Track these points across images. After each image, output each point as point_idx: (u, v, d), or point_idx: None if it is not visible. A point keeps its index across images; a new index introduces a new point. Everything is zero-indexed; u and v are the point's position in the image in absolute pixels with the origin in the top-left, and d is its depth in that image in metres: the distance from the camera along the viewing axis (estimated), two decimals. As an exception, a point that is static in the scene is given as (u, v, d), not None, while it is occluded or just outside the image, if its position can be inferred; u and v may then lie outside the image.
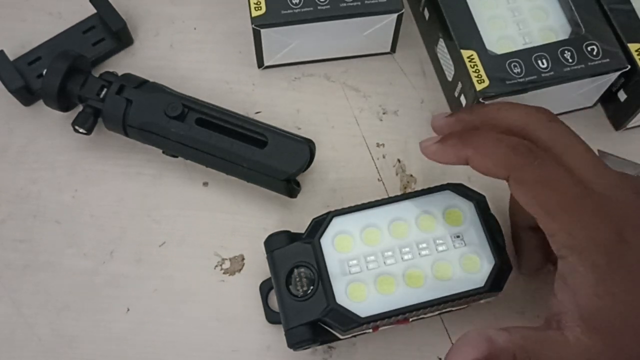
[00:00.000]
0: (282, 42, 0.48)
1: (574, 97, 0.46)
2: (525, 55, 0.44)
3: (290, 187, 0.44)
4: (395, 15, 0.46)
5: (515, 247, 0.43)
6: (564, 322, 0.32)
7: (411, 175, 0.47)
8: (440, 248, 0.39)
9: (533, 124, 0.36)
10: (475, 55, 0.44)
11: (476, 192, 0.41)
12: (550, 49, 0.44)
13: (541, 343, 0.32)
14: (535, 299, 0.43)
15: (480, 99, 0.43)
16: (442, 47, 0.47)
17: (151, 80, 0.46)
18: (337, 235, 0.40)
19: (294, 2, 0.46)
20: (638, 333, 0.31)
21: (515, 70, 0.43)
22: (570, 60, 0.43)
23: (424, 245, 0.39)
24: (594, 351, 0.31)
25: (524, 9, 0.47)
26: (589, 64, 0.43)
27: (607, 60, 0.43)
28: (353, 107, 0.49)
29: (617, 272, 0.31)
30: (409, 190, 0.47)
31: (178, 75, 0.50)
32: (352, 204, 0.41)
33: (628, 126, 0.48)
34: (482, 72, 0.43)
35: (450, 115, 0.39)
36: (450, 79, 0.47)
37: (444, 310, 0.41)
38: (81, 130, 0.46)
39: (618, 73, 0.44)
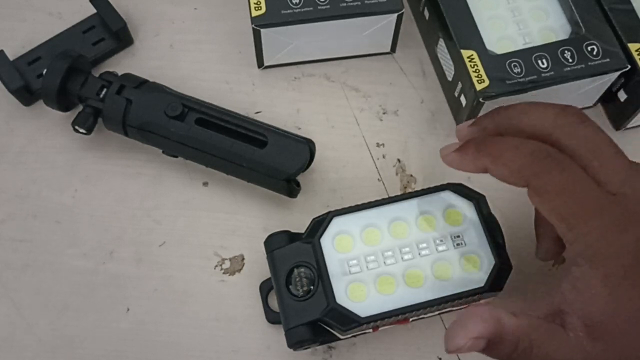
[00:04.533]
0: (282, 42, 0.48)
1: (574, 97, 0.46)
2: (525, 55, 0.44)
3: (290, 187, 0.44)
4: (395, 15, 0.46)
5: (536, 231, 0.41)
6: (568, 322, 0.32)
7: (411, 175, 0.47)
8: (440, 248, 0.39)
9: (560, 130, 0.34)
10: (475, 55, 0.44)
11: (476, 192, 0.41)
12: (550, 49, 0.44)
13: (545, 335, 0.32)
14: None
15: (480, 99, 0.43)
16: (442, 47, 0.47)
17: (151, 80, 0.46)
18: (337, 235, 0.40)
19: (294, 2, 0.46)
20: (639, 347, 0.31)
21: (515, 70, 0.43)
22: (570, 60, 0.43)
23: (424, 245, 0.39)
24: (592, 357, 0.31)
25: (524, 9, 0.47)
26: (589, 64, 0.43)
27: (607, 60, 0.43)
28: (353, 107, 0.49)
29: (629, 287, 0.31)
30: (409, 190, 0.47)
31: (178, 75, 0.50)
32: (352, 204, 0.41)
33: (628, 126, 0.48)
34: (482, 72, 0.43)
35: (473, 124, 0.37)
36: (450, 79, 0.47)
37: (444, 310, 0.41)
38: (81, 130, 0.46)
39: (618, 73, 0.44)
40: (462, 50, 0.44)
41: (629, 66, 0.43)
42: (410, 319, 0.40)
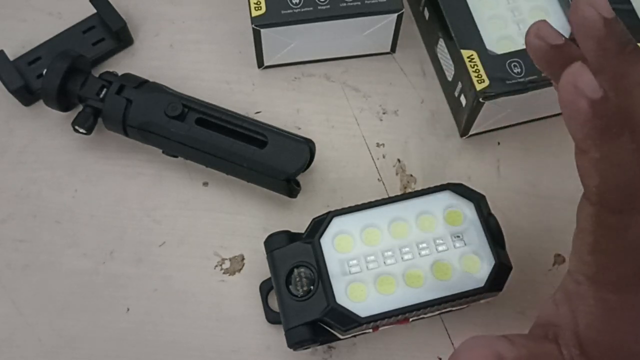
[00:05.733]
0: (282, 42, 0.48)
1: (574, 97, 0.46)
2: (526, 55, 0.43)
3: (290, 187, 0.44)
4: (395, 15, 0.46)
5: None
6: (562, 339, 0.31)
7: (411, 175, 0.47)
8: (440, 248, 0.39)
9: None
10: (475, 55, 0.44)
11: (476, 192, 0.41)
12: (550, 49, 0.44)
13: (543, 358, 0.31)
14: (535, 299, 0.43)
15: (480, 99, 0.43)
16: (442, 47, 0.47)
17: (151, 80, 0.46)
18: (337, 235, 0.40)
19: (294, 2, 0.46)
20: None
21: (515, 70, 0.43)
22: (570, 60, 0.43)
23: (424, 245, 0.39)
24: None
25: (524, 9, 0.47)
26: (589, 64, 0.43)
27: (607, 60, 0.43)
28: (353, 107, 0.49)
29: (626, 314, 0.30)
30: (409, 190, 0.47)
31: (178, 75, 0.50)
32: (352, 204, 0.41)
33: (628, 126, 0.48)
34: (482, 72, 0.43)
35: (608, 27, 0.27)
36: (450, 79, 0.47)
37: (444, 310, 0.41)
38: (81, 130, 0.46)
39: (618, 73, 0.44)
40: (462, 50, 0.44)
41: (629, 66, 0.43)
42: (410, 319, 0.40)
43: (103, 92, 0.45)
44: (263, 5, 0.45)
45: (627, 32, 0.28)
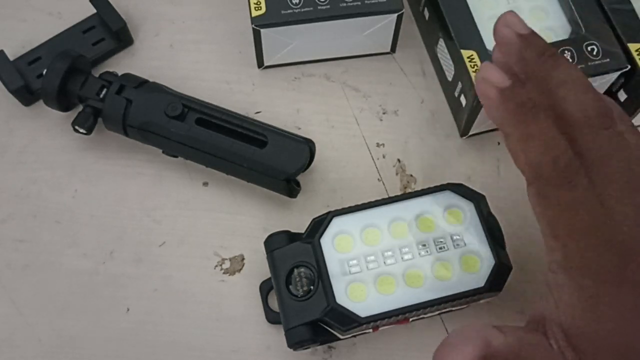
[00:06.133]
0: (282, 42, 0.48)
1: (574, 97, 0.46)
2: (525, 55, 0.44)
3: (290, 187, 0.44)
4: (395, 15, 0.46)
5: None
6: (549, 331, 0.32)
7: (411, 175, 0.47)
8: (440, 248, 0.39)
9: (590, 128, 0.31)
10: (475, 55, 0.44)
11: (476, 192, 0.41)
12: (550, 49, 0.44)
13: (532, 347, 0.32)
14: (535, 299, 0.43)
15: (480, 99, 0.43)
16: (442, 47, 0.47)
17: (151, 80, 0.46)
18: (337, 235, 0.40)
19: (294, 2, 0.46)
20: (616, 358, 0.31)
21: (515, 70, 0.43)
22: (570, 60, 0.43)
23: (424, 245, 0.39)
24: None
25: (524, 9, 0.47)
26: (589, 64, 0.43)
27: (607, 60, 0.43)
28: (353, 107, 0.49)
29: (609, 304, 0.30)
30: (409, 190, 0.47)
31: (178, 75, 0.50)
32: (352, 204, 0.41)
33: (628, 126, 0.48)
34: (482, 72, 0.43)
35: (524, 42, 0.33)
36: (450, 79, 0.47)
37: (444, 310, 0.41)
38: (81, 130, 0.46)
39: (618, 73, 0.44)
40: (462, 50, 0.44)
41: (629, 66, 0.43)
42: (410, 319, 0.40)
43: (103, 92, 0.45)
44: (263, 5, 0.45)
45: (544, 43, 0.33)
